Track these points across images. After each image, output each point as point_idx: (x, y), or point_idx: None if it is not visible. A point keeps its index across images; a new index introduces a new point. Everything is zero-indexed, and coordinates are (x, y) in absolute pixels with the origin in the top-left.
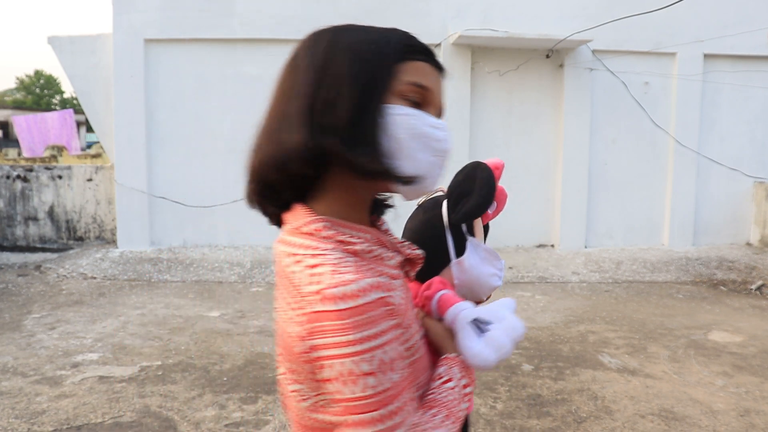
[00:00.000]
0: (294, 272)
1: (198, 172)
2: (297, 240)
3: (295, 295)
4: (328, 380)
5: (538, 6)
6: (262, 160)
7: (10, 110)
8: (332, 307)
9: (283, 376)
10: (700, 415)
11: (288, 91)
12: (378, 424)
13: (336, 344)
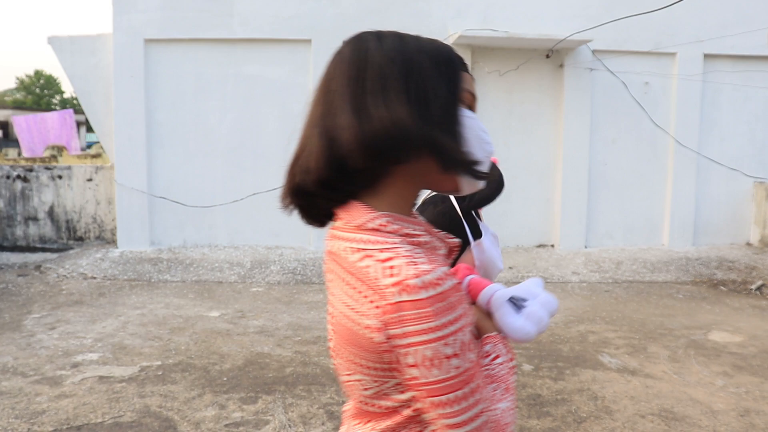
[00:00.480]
0: (366, 267)
1: (198, 172)
2: (362, 236)
3: (368, 288)
4: (412, 366)
5: (538, 6)
6: (330, 154)
7: (10, 110)
8: (414, 297)
9: (341, 367)
10: (700, 415)
11: (359, 85)
12: (463, 402)
13: (420, 332)
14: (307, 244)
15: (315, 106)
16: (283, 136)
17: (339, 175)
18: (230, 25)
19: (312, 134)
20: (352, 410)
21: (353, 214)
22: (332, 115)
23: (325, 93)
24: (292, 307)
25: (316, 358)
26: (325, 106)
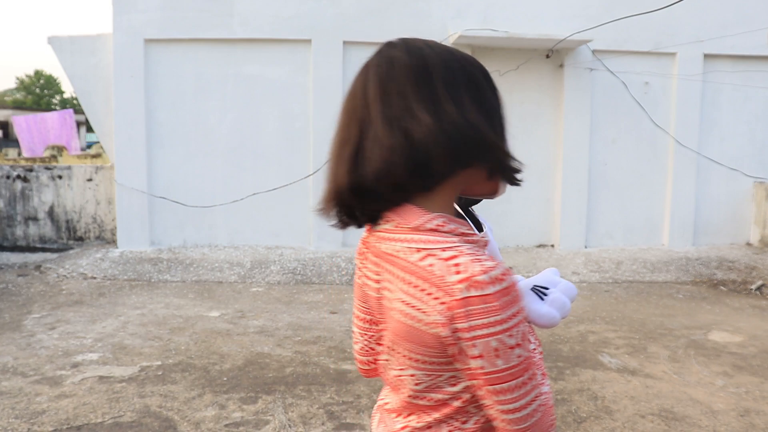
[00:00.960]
0: (430, 266)
1: (198, 172)
2: (421, 236)
3: (432, 286)
4: (477, 357)
5: (538, 6)
6: (410, 155)
7: (10, 110)
8: (482, 292)
9: (392, 363)
10: (700, 415)
11: (430, 90)
12: (522, 389)
13: (487, 324)
14: (307, 244)
15: (370, 107)
16: (283, 136)
17: (413, 177)
18: (230, 25)
19: (378, 135)
20: (393, 404)
21: (407, 215)
22: (407, 117)
23: (384, 96)
24: (292, 307)
25: (316, 358)
26: (392, 108)
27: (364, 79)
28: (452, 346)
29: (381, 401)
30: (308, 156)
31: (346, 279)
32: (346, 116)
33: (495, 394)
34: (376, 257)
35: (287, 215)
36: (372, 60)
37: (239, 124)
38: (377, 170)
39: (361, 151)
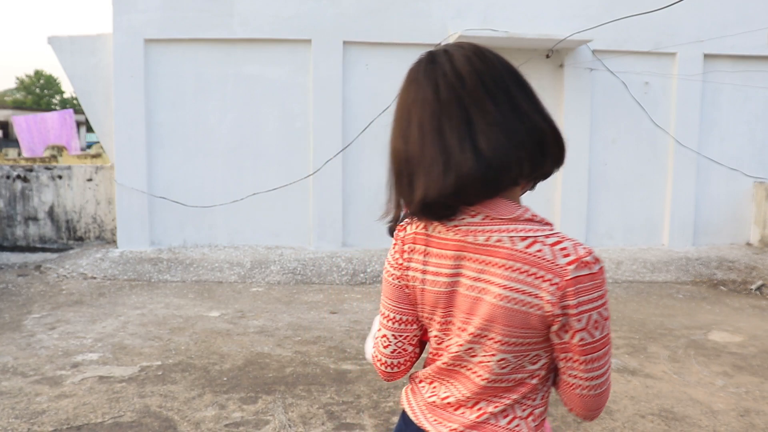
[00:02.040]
0: (538, 251)
1: (198, 172)
2: (522, 226)
3: (541, 269)
4: (580, 330)
5: (538, 6)
6: (539, 151)
7: (10, 110)
8: (590, 271)
9: (480, 350)
10: (700, 415)
11: (518, 90)
12: (606, 357)
13: (593, 299)
14: (307, 244)
15: (479, 104)
16: (283, 136)
17: (531, 171)
18: (230, 25)
19: (503, 130)
20: (458, 396)
21: (500, 208)
22: (519, 112)
23: (494, 91)
24: (292, 307)
25: (316, 358)
26: (504, 104)
27: (453, 76)
28: (556, 323)
29: (432, 397)
30: (308, 156)
31: (346, 279)
32: (437, 112)
33: (587, 363)
34: (457, 250)
35: (287, 215)
36: (459, 56)
37: (239, 124)
38: (506, 163)
39: (476, 145)
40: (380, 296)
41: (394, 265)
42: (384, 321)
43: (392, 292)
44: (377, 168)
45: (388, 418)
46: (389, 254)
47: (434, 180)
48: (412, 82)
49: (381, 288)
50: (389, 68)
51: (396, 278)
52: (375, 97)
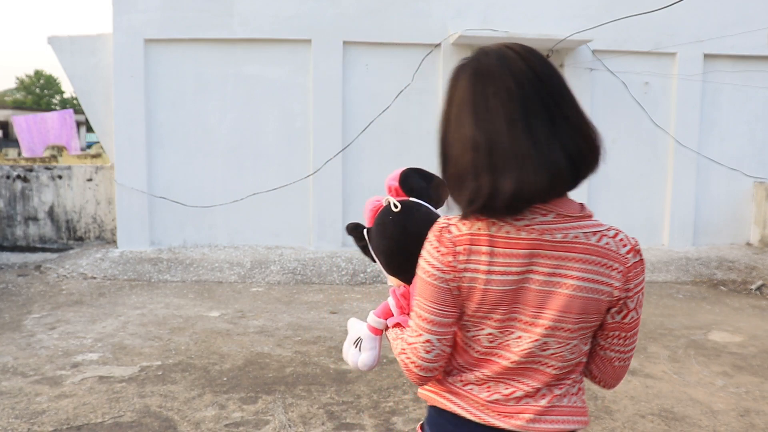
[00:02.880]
0: (606, 244)
1: (198, 172)
2: (589, 222)
3: (610, 260)
4: (632, 309)
5: (538, 6)
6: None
7: (10, 110)
8: (640, 257)
9: (555, 344)
10: (700, 415)
11: (568, 98)
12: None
13: (642, 281)
14: (307, 244)
15: (559, 104)
16: (283, 136)
17: (588, 174)
18: (230, 25)
19: (587, 132)
20: (524, 389)
21: (566, 206)
22: (584, 115)
23: (565, 94)
24: (292, 307)
25: (316, 358)
26: (574, 106)
27: (533, 75)
28: (617, 305)
29: (493, 396)
30: (308, 156)
31: (346, 279)
32: (524, 106)
33: (630, 338)
34: (531, 248)
35: (287, 215)
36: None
37: (239, 124)
38: (583, 165)
39: (563, 145)
40: (380, 299)
41: (443, 268)
42: (426, 325)
43: (438, 295)
44: (377, 168)
45: (388, 418)
46: (431, 258)
47: (528, 175)
48: (483, 74)
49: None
50: (389, 68)
51: (444, 281)
52: (375, 97)
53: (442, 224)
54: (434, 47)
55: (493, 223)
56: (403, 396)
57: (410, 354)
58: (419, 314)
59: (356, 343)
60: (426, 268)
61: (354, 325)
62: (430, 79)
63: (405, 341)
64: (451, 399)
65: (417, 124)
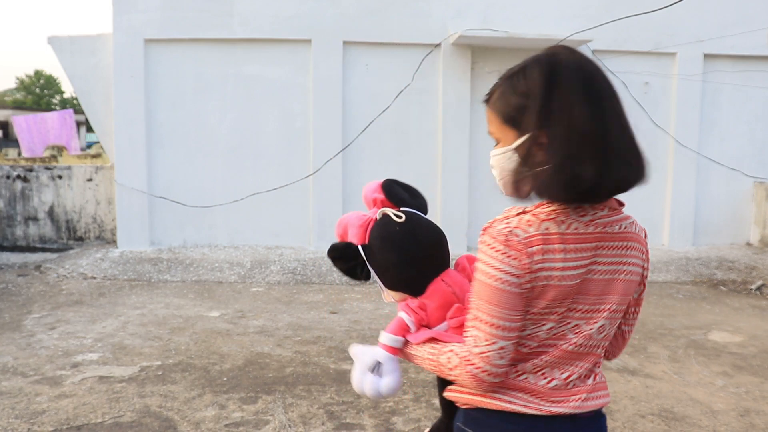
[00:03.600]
0: (638, 231)
1: (198, 172)
2: (624, 214)
3: (642, 245)
4: (645, 285)
5: (538, 6)
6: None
7: (10, 110)
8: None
9: (601, 330)
10: (700, 415)
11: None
12: None
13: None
14: (307, 244)
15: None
16: (283, 136)
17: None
18: (230, 25)
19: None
20: (583, 371)
21: (611, 201)
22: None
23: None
24: (292, 307)
25: (316, 358)
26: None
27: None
28: (642, 284)
29: (552, 382)
30: (308, 156)
31: (346, 279)
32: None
33: (639, 311)
34: (597, 241)
35: (287, 215)
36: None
37: (239, 124)
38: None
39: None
40: (380, 299)
41: (517, 272)
42: (499, 332)
43: (511, 301)
44: (377, 168)
45: (388, 418)
46: (501, 264)
47: (634, 169)
48: (596, 71)
49: (489, 300)
50: (389, 68)
51: (518, 285)
52: (375, 97)
53: (503, 229)
54: (434, 47)
55: (562, 221)
56: (403, 396)
57: (480, 363)
58: (491, 322)
59: (374, 368)
60: (497, 275)
61: (362, 351)
62: (430, 79)
63: (469, 352)
64: (504, 397)
65: (417, 124)
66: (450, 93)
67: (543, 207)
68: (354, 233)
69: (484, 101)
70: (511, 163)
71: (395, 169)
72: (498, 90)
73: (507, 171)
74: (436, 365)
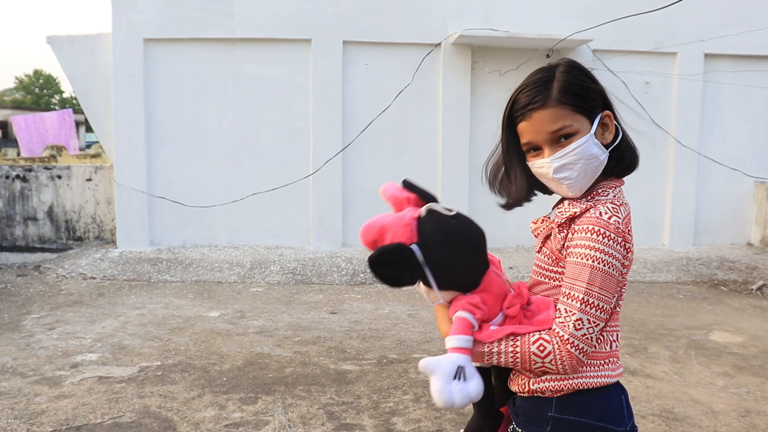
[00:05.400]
0: None
1: (198, 172)
2: None
3: None
4: None
5: (539, 5)
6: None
7: (9, 110)
8: None
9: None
10: (701, 415)
11: None
12: None
13: None
14: (307, 244)
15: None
16: (283, 136)
17: None
18: (230, 25)
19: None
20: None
21: None
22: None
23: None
24: (291, 307)
25: (316, 359)
26: None
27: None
28: None
29: (617, 342)
30: (308, 156)
31: (346, 279)
32: None
33: None
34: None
35: (287, 215)
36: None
37: (239, 124)
38: None
39: None
40: (380, 299)
41: (624, 259)
42: (605, 315)
43: (617, 285)
44: (377, 168)
45: (388, 418)
46: (614, 251)
47: None
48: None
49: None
50: (389, 68)
51: (622, 270)
52: (375, 97)
53: (610, 218)
54: (434, 47)
55: (626, 203)
56: (403, 396)
57: (582, 345)
58: (599, 306)
59: (458, 374)
60: (614, 264)
61: (438, 361)
62: (430, 78)
63: (571, 335)
64: (596, 372)
65: (417, 123)
66: (450, 93)
67: (608, 194)
68: (397, 234)
69: (533, 108)
70: (596, 147)
71: (395, 169)
72: (557, 84)
73: (593, 157)
74: (519, 356)
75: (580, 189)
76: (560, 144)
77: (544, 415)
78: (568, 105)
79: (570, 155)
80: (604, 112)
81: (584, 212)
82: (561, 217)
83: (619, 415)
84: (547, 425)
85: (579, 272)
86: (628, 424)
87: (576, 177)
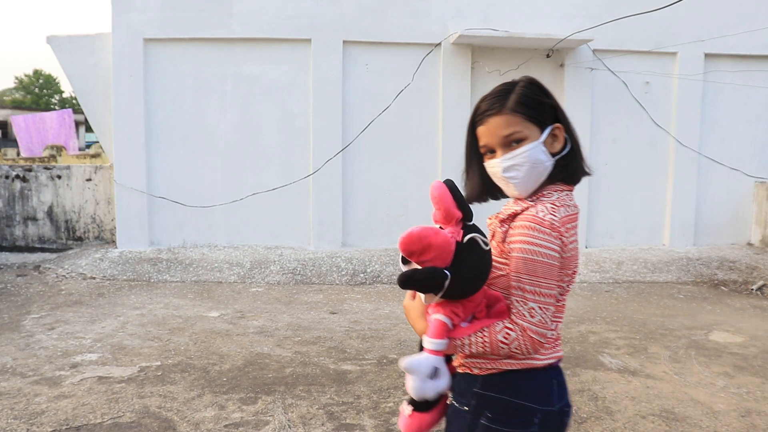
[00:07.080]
0: None
1: (198, 172)
2: None
3: None
4: None
5: (539, 5)
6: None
7: (9, 110)
8: None
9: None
10: (701, 415)
11: None
12: None
13: None
14: (307, 244)
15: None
16: (283, 136)
17: None
18: (230, 25)
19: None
20: None
21: None
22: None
23: None
24: (291, 308)
25: (316, 359)
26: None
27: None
28: None
29: (556, 332)
30: (308, 156)
31: (346, 279)
32: None
33: None
34: (575, 219)
35: (287, 215)
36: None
37: (239, 124)
38: None
39: None
40: (380, 299)
41: (559, 249)
42: (551, 300)
43: (556, 272)
44: (377, 168)
45: (388, 418)
46: (547, 243)
47: None
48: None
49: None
50: (389, 68)
51: (559, 259)
52: (375, 97)
53: (545, 217)
54: (434, 47)
55: (567, 204)
56: (404, 396)
57: (540, 329)
58: (546, 293)
59: (433, 374)
60: (551, 254)
61: (418, 362)
62: (430, 78)
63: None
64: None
65: (417, 123)
66: (450, 93)
67: (552, 196)
68: (439, 258)
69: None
70: (542, 154)
71: (395, 169)
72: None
73: (539, 162)
74: (489, 345)
75: (526, 189)
76: (511, 147)
77: (471, 390)
78: (521, 114)
79: (518, 157)
80: (555, 124)
81: (525, 210)
82: (504, 214)
83: (546, 395)
84: (472, 399)
85: (522, 266)
86: (557, 404)
87: (522, 177)
